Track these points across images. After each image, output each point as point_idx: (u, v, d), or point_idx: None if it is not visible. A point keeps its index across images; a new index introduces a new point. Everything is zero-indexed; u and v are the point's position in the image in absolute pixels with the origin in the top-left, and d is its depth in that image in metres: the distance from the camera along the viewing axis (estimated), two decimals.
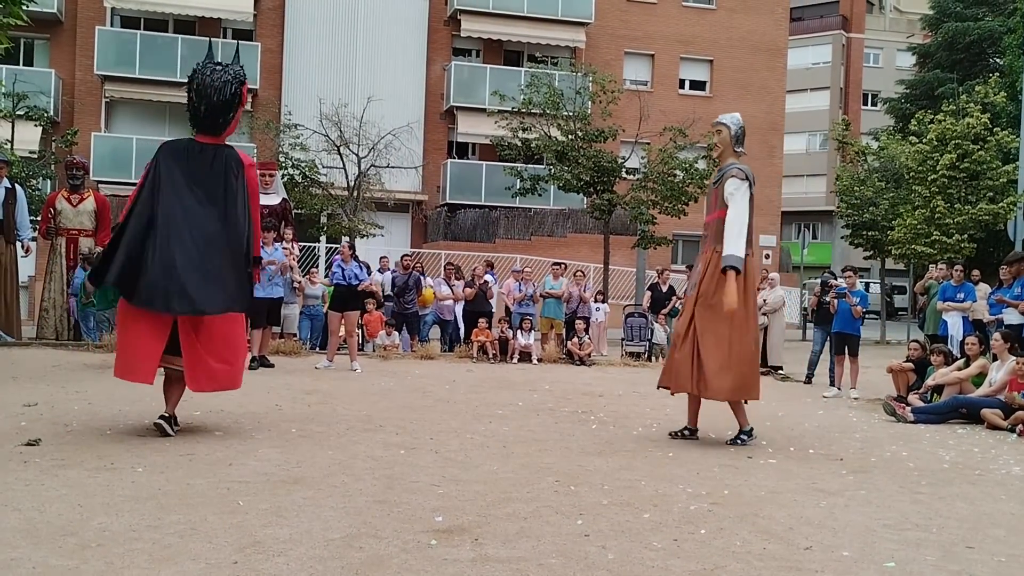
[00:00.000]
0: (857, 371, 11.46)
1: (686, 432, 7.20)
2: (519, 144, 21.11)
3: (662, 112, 24.26)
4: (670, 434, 7.20)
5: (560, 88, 21.27)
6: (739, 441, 6.99)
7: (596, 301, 16.39)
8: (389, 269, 15.50)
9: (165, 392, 6.39)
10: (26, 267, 15.43)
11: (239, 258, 6.32)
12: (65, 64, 28.06)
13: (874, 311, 27.26)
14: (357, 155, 22.63)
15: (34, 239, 13.21)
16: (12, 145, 22.17)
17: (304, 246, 21.71)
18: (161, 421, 6.17)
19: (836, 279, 12.37)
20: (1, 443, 5.67)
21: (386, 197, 24.07)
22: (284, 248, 11.42)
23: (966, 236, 21.67)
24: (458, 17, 29.58)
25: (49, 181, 24.29)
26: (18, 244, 12.45)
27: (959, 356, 10.31)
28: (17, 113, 23.30)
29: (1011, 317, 10.77)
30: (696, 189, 20.44)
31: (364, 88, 26.26)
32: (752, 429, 7.12)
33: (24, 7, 10.85)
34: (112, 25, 28.35)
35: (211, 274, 6.10)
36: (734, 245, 6.89)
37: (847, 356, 11.43)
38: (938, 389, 9.78)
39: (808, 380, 12.73)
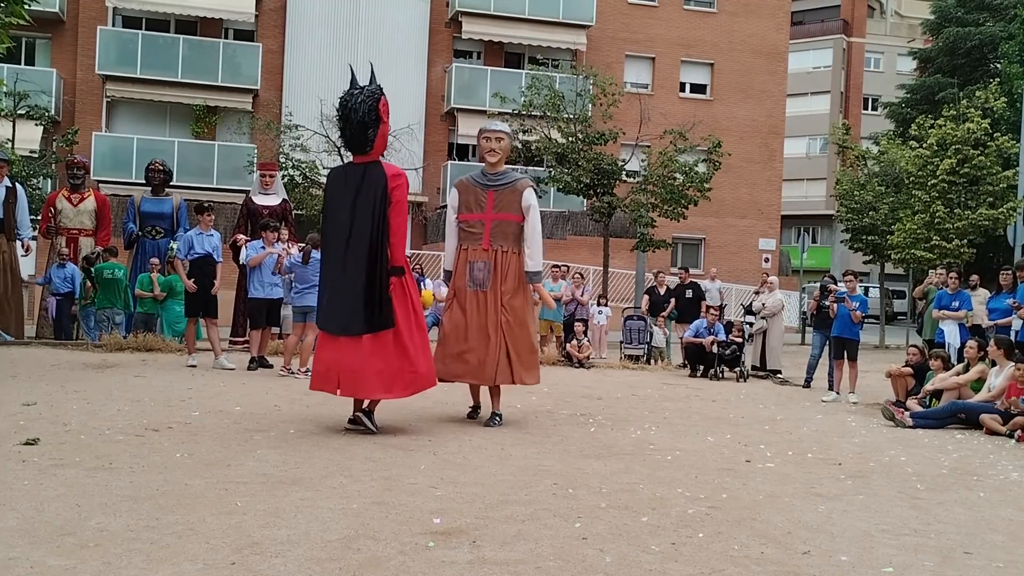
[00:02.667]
0: (856, 375, 11.47)
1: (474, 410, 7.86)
2: (519, 146, 21.11)
3: (663, 115, 24.27)
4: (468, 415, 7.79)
5: (561, 90, 21.27)
6: (495, 422, 7.44)
7: (598, 304, 16.38)
8: None
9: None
10: (26, 266, 15.42)
11: (383, 275, 6.61)
12: (66, 63, 28.06)
13: (873, 315, 27.22)
14: None
15: (34, 238, 13.22)
16: (13, 144, 22.18)
17: (303, 246, 21.65)
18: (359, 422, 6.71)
19: (836, 283, 12.37)
20: (0, 442, 5.67)
21: None
22: (283, 248, 11.41)
23: (966, 241, 21.69)
24: (459, 19, 29.59)
25: (50, 180, 24.29)
26: (18, 243, 12.45)
27: (957, 363, 10.31)
28: (18, 112, 23.30)
29: (1017, 323, 10.77)
30: (696, 193, 20.45)
31: None
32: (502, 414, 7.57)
33: (26, 6, 10.85)
34: (114, 25, 28.34)
35: (358, 296, 6.56)
36: (538, 258, 7.62)
37: (846, 360, 11.43)
38: (937, 394, 9.78)
39: (807, 384, 12.74)
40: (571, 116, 20.83)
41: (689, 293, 16.01)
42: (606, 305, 16.64)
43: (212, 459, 5.53)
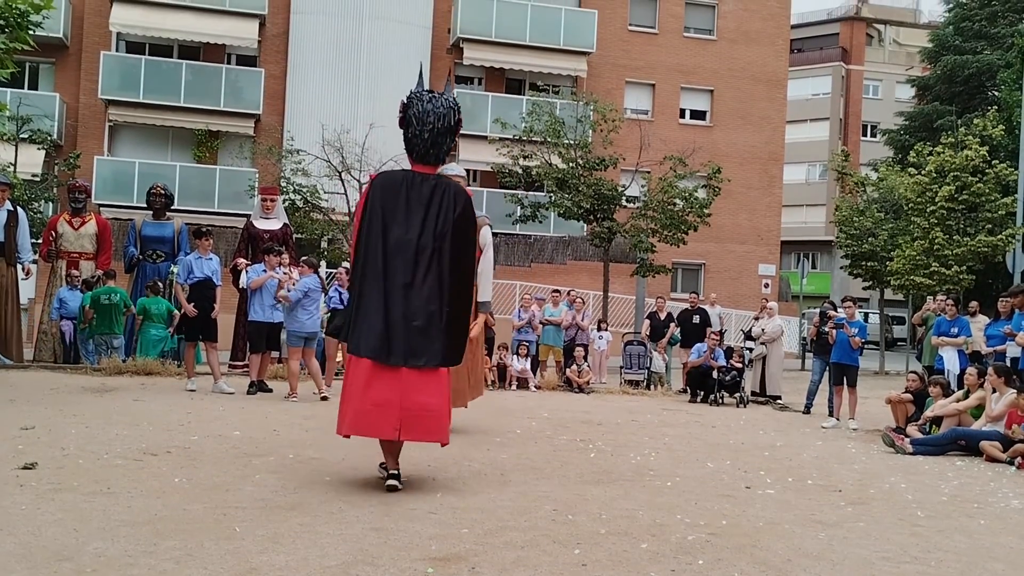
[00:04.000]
0: (856, 402, 11.45)
1: None
2: (520, 171, 21.21)
3: (662, 141, 24.38)
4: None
5: (561, 116, 21.39)
6: None
7: (599, 329, 16.38)
8: None
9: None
10: (27, 289, 15.45)
11: (462, 301, 5.90)
12: (70, 88, 28.22)
13: (873, 341, 27.23)
14: (359, 180, 22.70)
15: (35, 261, 13.25)
16: (15, 168, 22.25)
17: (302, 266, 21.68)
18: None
19: (835, 309, 12.38)
20: None
21: None
22: (284, 273, 11.44)
23: (965, 268, 21.71)
24: (460, 45, 29.80)
25: (51, 204, 24.36)
26: (18, 266, 12.47)
27: (957, 389, 10.30)
28: (21, 136, 23.40)
29: (1013, 351, 10.77)
30: (696, 218, 20.50)
31: (366, 114, 26.36)
32: None
33: (30, 32, 10.94)
34: (117, 50, 28.53)
35: (434, 323, 5.71)
36: (489, 290, 7.44)
37: (845, 387, 11.41)
38: (937, 421, 9.76)
39: (807, 410, 12.72)
40: (571, 142, 20.93)
41: (696, 319, 15.88)
42: (606, 330, 16.65)
43: (211, 484, 5.52)
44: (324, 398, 10.10)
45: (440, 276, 5.74)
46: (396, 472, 5.72)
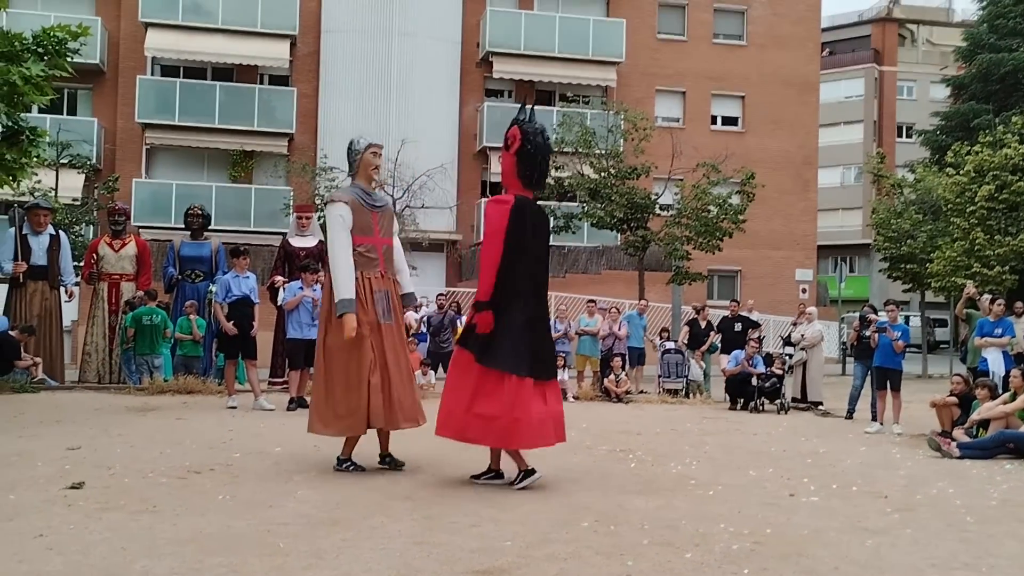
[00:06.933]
0: (900, 406, 11.29)
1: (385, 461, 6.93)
2: (552, 183, 21.23)
3: (694, 148, 24.24)
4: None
5: (592, 126, 21.39)
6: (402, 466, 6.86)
7: (661, 339, 16.00)
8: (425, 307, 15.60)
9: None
10: (69, 312, 15.69)
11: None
12: (107, 113, 28.72)
13: (915, 344, 26.85)
14: (392, 196, 22.87)
15: (77, 284, 13.46)
16: (56, 192, 22.67)
17: None
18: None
19: (876, 313, 12.22)
20: (46, 486, 5.74)
21: (421, 237, 24.26)
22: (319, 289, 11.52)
23: (1007, 268, 21.36)
24: (490, 59, 29.91)
25: (92, 227, 24.76)
26: (61, 289, 12.68)
27: (1003, 391, 10.11)
28: (61, 161, 23.83)
29: None
30: (731, 225, 20.37)
31: (398, 130, 26.54)
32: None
33: (68, 59, 11.14)
34: (152, 74, 29.00)
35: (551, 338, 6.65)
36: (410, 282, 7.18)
37: (889, 391, 11.26)
38: (984, 424, 9.59)
39: (849, 416, 12.54)
40: (603, 152, 20.91)
41: (738, 326, 15.63)
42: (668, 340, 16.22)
43: (254, 501, 5.56)
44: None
45: (544, 296, 6.53)
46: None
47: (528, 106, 6.65)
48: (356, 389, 6.47)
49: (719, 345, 15.70)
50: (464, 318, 15.34)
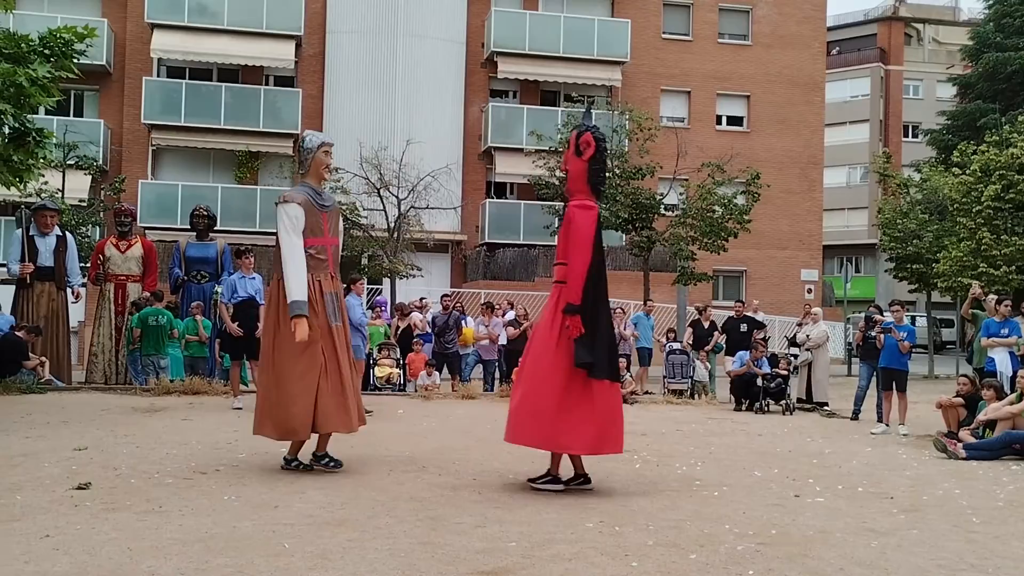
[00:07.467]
0: (906, 407, 11.27)
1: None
2: (557, 183, 21.23)
3: (700, 148, 24.27)
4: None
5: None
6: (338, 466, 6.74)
7: (668, 340, 15.97)
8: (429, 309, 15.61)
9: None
10: (76, 313, 15.73)
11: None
12: (113, 114, 28.81)
13: (921, 345, 26.81)
14: (397, 197, 22.89)
15: (83, 285, 13.48)
16: (63, 194, 22.73)
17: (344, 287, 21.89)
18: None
19: (881, 313, 12.19)
20: (52, 487, 5.76)
21: (426, 238, 24.28)
22: None
23: (1014, 268, 21.30)
24: (495, 59, 29.93)
25: (98, 228, 24.82)
26: (68, 290, 12.71)
27: (1010, 391, 10.09)
28: (68, 163, 23.90)
29: None
30: (736, 225, 20.36)
31: (403, 131, 26.59)
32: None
33: (75, 60, 11.15)
34: (158, 75, 29.08)
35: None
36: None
37: (895, 392, 11.24)
38: (990, 424, 9.57)
39: (855, 416, 12.52)
40: (608, 151, 20.90)
41: (743, 327, 15.57)
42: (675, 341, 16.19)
43: (259, 501, 5.57)
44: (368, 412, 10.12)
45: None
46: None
47: (592, 111, 6.77)
48: (305, 394, 6.39)
49: (723, 345, 15.68)
50: (469, 319, 15.34)
